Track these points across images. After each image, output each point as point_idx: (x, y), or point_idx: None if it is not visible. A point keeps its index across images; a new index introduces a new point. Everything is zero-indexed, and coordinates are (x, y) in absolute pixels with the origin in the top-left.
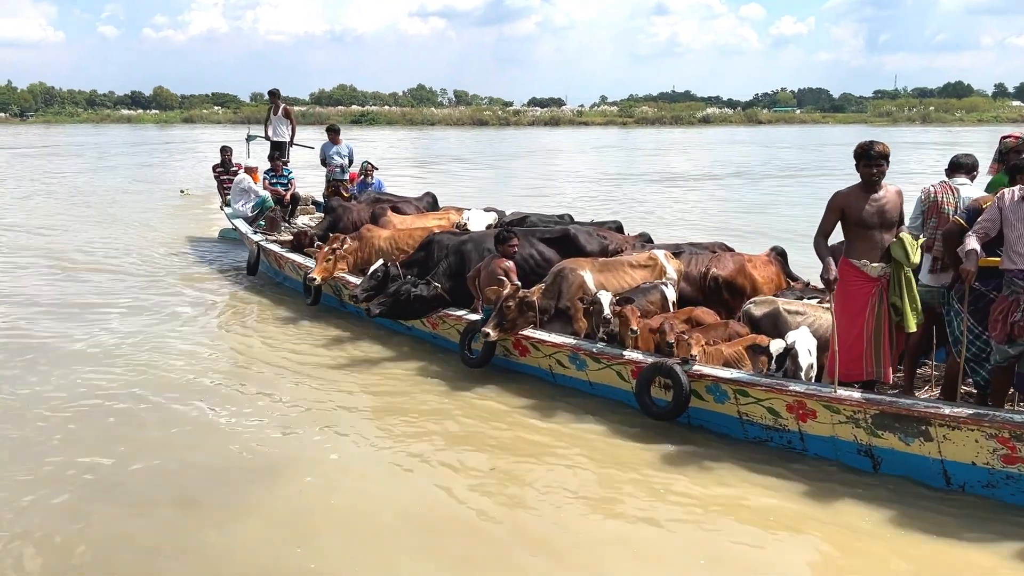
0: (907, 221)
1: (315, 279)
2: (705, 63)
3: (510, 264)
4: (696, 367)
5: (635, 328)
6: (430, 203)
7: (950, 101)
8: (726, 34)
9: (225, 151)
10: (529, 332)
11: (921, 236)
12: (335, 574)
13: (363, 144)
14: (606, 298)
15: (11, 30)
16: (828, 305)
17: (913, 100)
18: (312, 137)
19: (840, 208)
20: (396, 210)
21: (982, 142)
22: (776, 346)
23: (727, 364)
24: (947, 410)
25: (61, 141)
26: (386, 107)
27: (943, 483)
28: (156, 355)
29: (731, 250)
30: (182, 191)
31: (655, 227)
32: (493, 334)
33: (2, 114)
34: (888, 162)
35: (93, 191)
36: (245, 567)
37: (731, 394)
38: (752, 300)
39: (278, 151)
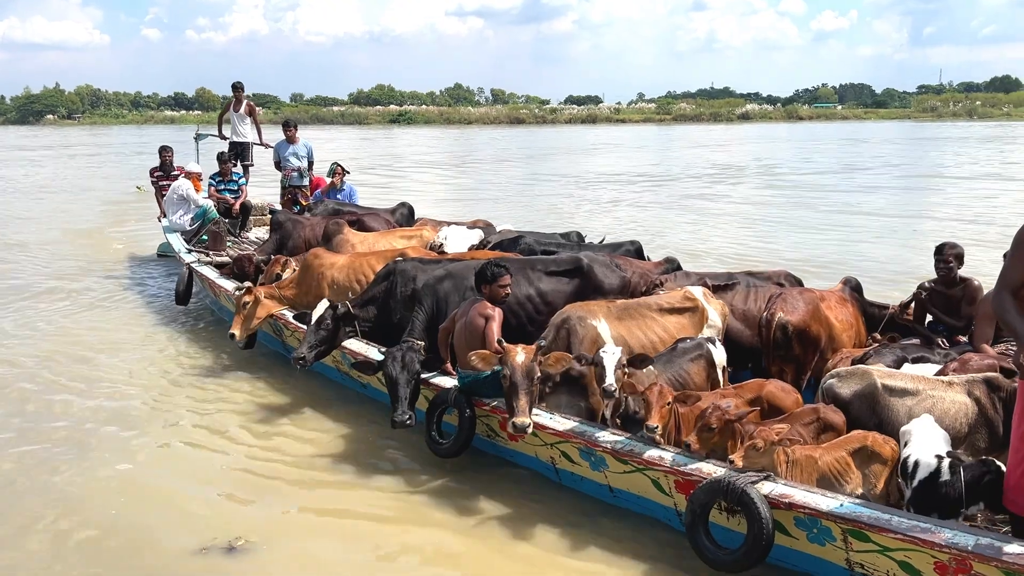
0: None
1: (233, 335)
2: (744, 59)
3: (496, 313)
4: (780, 487)
5: (653, 424)
6: (405, 216)
7: (997, 95)
8: (765, 29)
9: (165, 151)
10: None
11: None
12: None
13: (388, 143)
14: (611, 357)
15: (59, 33)
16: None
17: (959, 95)
18: (343, 137)
19: None
20: (360, 225)
21: None
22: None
23: (823, 479)
24: None
25: (94, 141)
26: (423, 106)
27: None
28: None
29: (799, 281)
30: (137, 188)
31: (689, 240)
32: (532, 423)
33: (51, 116)
34: None
35: (56, 187)
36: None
37: (838, 535)
38: (835, 373)
39: (235, 152)
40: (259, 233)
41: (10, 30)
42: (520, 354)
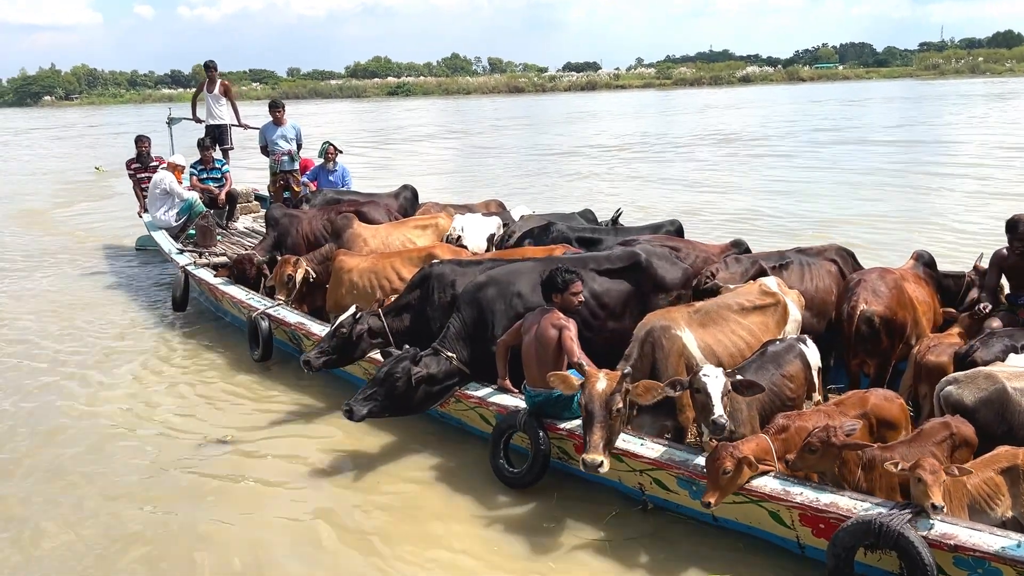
0: None
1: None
2: (742, 20)
3: (571, 323)
4: (939, 524)
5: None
6: (408, 200)
7: (999, 51)
8: None
9: (141, 141)
10: None
11: None
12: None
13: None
14: (715, 382)
15: (50, 13)
16: None
17: (960, 51)
18: (341, 110)
19: None
20: (362, 216)
21: None
22: None
23: (973, 505)
24: None
25: (86, 121)
26: (421, 78)
27: None
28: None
29: (851, 255)
30: (96, 168)
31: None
32: (607, 463)
33: (48, 97)
34: None
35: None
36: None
37: None
38: (952, 378)
39: (213, 137)
40: (247, 222)
41: (2, 11)
42: (601, 381)
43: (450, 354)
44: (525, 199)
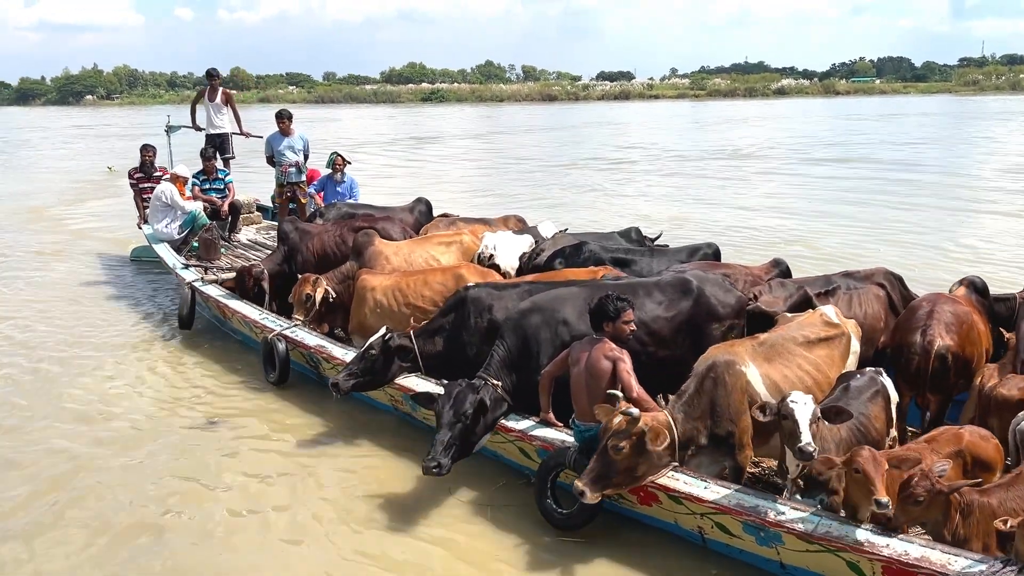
0: None
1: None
2: (779, 32)
3: (625, 355)
4: None
5: (884, 499)
6: (423, 214)
7: None
8: (801, 1)
9: (147, 151)
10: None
11: None
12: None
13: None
14: (803, 408)
15: (93, 14)
16: None
17: (1001, 68)
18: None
19: None
20: (377, 231)
21: None
22: None
23: None
24: None
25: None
26: (455, 84)
27: None
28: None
29: (899, 279)
30: (108, 168)
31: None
32: (590, 495)
33: (90, 96)
34: None
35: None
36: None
37: None
38: None
39: (215, 146)
40: (250, 234)
41: (47, 12)
42: (617, 418)
43: (495, 382)
44: (542, 212)
